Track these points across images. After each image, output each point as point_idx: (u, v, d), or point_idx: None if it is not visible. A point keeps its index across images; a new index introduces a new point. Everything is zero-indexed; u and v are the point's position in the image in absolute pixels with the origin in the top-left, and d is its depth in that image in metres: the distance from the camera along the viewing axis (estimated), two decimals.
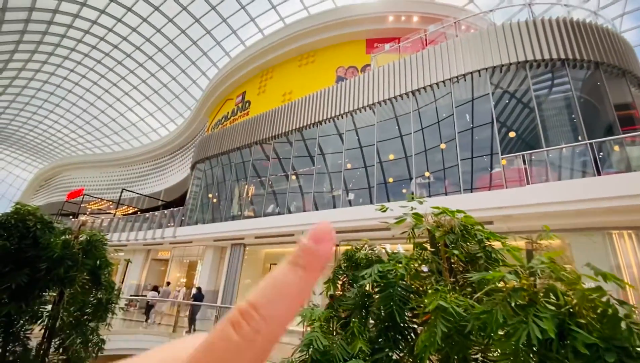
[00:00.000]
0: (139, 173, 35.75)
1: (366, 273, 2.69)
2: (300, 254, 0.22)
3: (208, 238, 15.56)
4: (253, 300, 0.21)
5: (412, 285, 2.60)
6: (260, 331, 0.20)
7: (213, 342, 0.20)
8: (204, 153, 18.23)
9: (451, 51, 10.56)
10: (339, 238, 11.96)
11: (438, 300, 2.05)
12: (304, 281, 0.22)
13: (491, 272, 1.94)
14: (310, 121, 13.68)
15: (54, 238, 4.70)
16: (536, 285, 1.85)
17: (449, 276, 2.63)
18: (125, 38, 25.13)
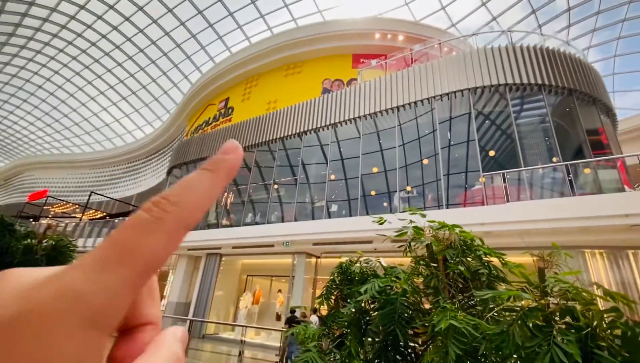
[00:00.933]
0: (110, 175, 34.11)
1: (365, 288, 2.56)
2: (210, 162, 0.25)
3: (182, 247, 14.88)
4: (163, 193, 0.22)
5: (414, 302, 2.49)
6: (169, 211, 0.21)
7: (124, 226, 0.20)
8: (182, 157, 17.64)
9: (435, 71, 10.89)
10: (321, 250, 11.78)
11: (449, 320, 1.94)
12: (212, 180, 0.24)
13: (505, 289, 1.87)
14: (295, 130, 13.60)
15: (15, 242, 4.26)
16: (549, 305, 1.80)
17: (447, 293, 2.55)
18: (104, 36, 24.27)
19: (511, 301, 1.95)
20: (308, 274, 12.22)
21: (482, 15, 20.29)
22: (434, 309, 2.36)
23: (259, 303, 13.91)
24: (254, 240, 12.35)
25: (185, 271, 15.32)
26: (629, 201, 6.64)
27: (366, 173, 11.39)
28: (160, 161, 28.20)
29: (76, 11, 21.93)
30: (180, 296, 14.73)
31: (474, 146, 9.87)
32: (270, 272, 14.85)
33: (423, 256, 2.71)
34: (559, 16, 21.19)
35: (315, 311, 11.76)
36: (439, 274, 2.49)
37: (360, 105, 12.04)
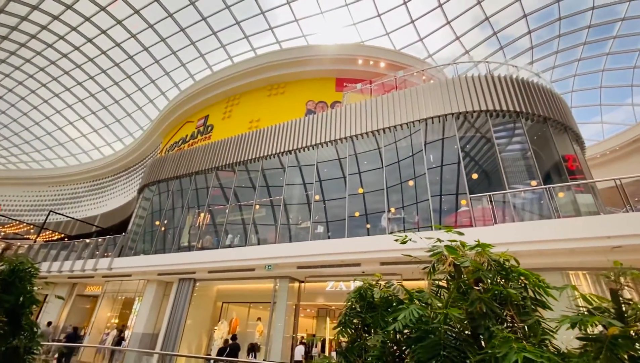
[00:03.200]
0: (72, 194, 31.75)
1: (401, 315, 2.25)
2: None
3: (152, 271, 13.75)
4: None
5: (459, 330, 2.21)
6: None
7: None
8: (156, 175, 16.71)
9: (419, 96, 11.19)
10: (305, 274, 11.25)
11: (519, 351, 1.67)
12: None
13: (585, 316, 1.64)
14: (280, 149, 13.32)
15: None
16: None
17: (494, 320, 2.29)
18: (77, 48, 23.28)
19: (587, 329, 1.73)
20: (290, 300, 11.57)
21: (456, 49, 21.62)
22: (484, 339, 2.08)
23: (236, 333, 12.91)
24: (234, 264, 11.62)
25: (154, 298, 14.07)
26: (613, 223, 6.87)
27: (352, 194, 11.21)
28: (130, 179, 26.68)
29: (49, 21, 20.99)
30: (147, 327, 13.41)
31: (460, 169, 10.07)
32: (249, 299, 13.98)
33: (463, 280, 2.45)
34: (523, 53, 23.03)
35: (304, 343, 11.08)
36: (485, 298, 2.24)
37: (345, 126, 12.05)
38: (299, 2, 19.22)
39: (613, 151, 21.42)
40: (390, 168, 11.23)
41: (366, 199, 11.74)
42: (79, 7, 19.96)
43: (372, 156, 12.01)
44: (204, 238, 14.08)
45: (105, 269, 14.66)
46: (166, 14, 19.95)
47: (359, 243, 9.22)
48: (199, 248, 13.38)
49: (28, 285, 4.05)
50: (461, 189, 10.65)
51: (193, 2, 19.12)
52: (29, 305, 4.10)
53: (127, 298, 16.23)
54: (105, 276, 15.57)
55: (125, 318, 15.99)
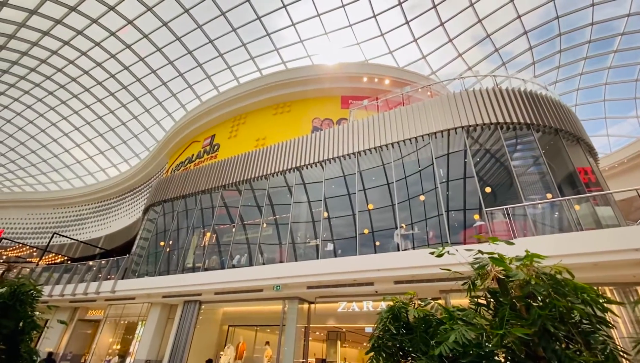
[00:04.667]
0: (76, 216, 31.65)
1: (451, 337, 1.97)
2: None
3: (156, 294, 13.34)
4: None
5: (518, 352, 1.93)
6: None
7: None
8: (161, 195, 16.57)
9: (428, 110, 11.12)
10: (315, 294, 10.82)
11: None
12: None
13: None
14: (287, 166, 13.18)
15: None
16: None
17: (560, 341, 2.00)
18: (87, 72, 23.83)
19: None
20: (300, 322, 11.08)
21: (458, 65, 21.86)
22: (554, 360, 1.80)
23: (243, 359, 12.34)
24: (241, 284, 11.24)
25: (158, 322, 13.61)
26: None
27: (362, 210, 10.94)
28: (135, 200, 26.59)
29: (59, 46, 21.59)
30: (150, 353, 12.87)
31: (473, 182, 9.84)
32: (256, 322, 13.45)
33: (515, 296, 2.18)
34: (525, 68, 23.23)
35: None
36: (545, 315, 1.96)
37: (353, 142, 11.94)
38: (304, 23, 19.68)
39: (621, 164, 21.09)
40: (399, 184, 11.00)
41: (374, 217, 11.47)
42: (89, 33, 20.55)
43: (377, 173, 11.84)
44: (209, 258, 13.74)
45: (108, 292, 14.26)
46: (174, 38, 20.48)
47: (371, 261, 8.88)
48: (204, 268, 13.03)
49: (29, 309, 3.80)
50: (474, 203, 10.41)
51: (201, 26, 19.64)
52: (29, 331, 3.83)
53: (130, 323, 15.73)
54: (108, 300, 15.14)
55: (128, 344, 15.41)
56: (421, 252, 8.41)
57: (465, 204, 10.86)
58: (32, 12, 18.27)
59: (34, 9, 18.01)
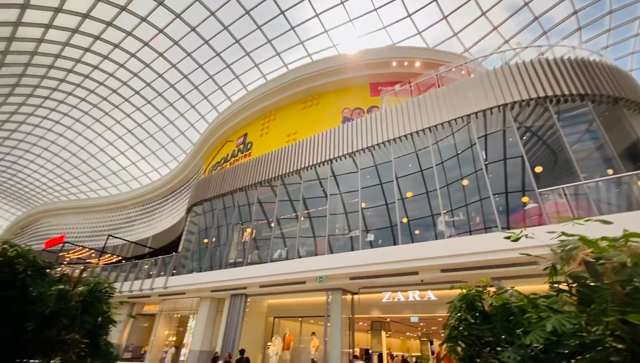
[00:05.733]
0: (126, 218, 33.96)
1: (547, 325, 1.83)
2: None
3: (205, 289, 14.00)
4: None
5: None
6: None
7: None
8: (202, 194, 17.26)
9: (467, 89, 10.53)
10: (358, 284, 10.80)
11: None
12: None
13: None
14: (319, 159, 13.15)
15: (47, 288, 3.64)
16: None
17: None
18: (125, 83, 25.23)
19: None
20: (344, 313, 11.13)
21: (494, 40, 20.51)
22: None
23: (290, 349, 12.66)
24: (284, 277, 11.47)
25: (208, 315, 14.28)
26: None
27: (391, 201, 10.67)
28: (177, 201, 27.99)
29: (99, 61, 22.99)
30: (203, 344, 13.57)
31: (522, 163, 9.27)
32: (299, 313, 13.73)
33: (625, 279, 1.97)
34: (570, 35, 21.31)
35: (360, 357, 10.55)
36: None
37: (387, 129, 11.63)
38: (328, 13, 19.38)
39: None
40: (438, 168, 10.58)
41: (408, 206, 11.16)
42: (125, 45, 21.67)
43: (410, 160, 11.48)
44: (251, 253, 14.16)
45: (161, 288, 15.19)
46: (202, 41, 21.04)
47: (416, 249, 8.66)
48: (248, 263, 13.45)
49: (105, 306, 4.08)
50: (516, 186, 9.82)
51: (227, 27, 20.00)
52: (106, 326, 4.13)
53: (183, 316, 16.69)
54: (162, 295, 16.13)
55: (182, 336, 16.39)
56: (471, 238, 8.08)
57: (507, 187, 10.27)
58: (74, 31, 19.55)
59: (75, 27, 19.25)
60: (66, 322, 3.45)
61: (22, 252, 3.77)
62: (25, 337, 3.29)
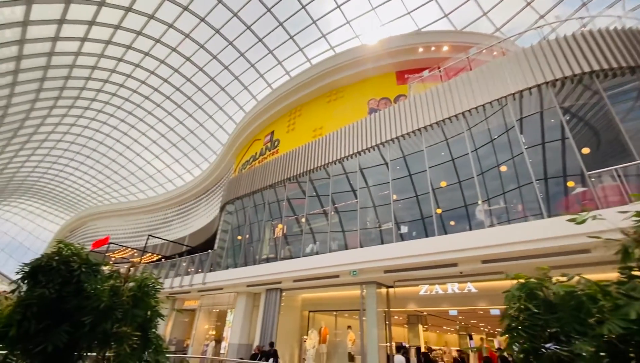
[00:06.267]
0: (163, 219, 35.67)
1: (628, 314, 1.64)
2: None
3: (241, 284, 14.38)
4: None
5: None
6: None
7: None
8: (234, 193, 17.69)
9: (502, 69, 9.93)
10: (393, 278, 10.61)
11: None
12: None
13: None
14: (347, 153, 13.00)
15: (100, 284, 3.83)
16: None
17: None
18: (156, 89, 26.32)
19: None
20: (379, 306, 10.99)
21: (527, 17, 19.20)
22: None
23: (327, 342, 12.73)
24: (318, 271, 11.51)
25: (245, 309, 14.67)
26: None
27: (425, 193, 10.29)
28: (210, 200, 28.95)
29: (132, 70, 24.12)
30: (241, 337, 13.97)
31: (562, 145, 8.64)
32: (334, 307, 13.74)
33: None
34: (613, 5, 19.51)
35: (400, 349, 10.40)
36: None
37: (417, 118, 11.25)
38: (349, 3, 19.05)
39: None
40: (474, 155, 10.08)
41: (442, 196, 10.73)
42: (154, 53, 22.55)
43: (442, 148, 11.02)
44: (283, 248, 14.35)
45: (199, 284, 15.79)
46: (226, 43, 21.44)
47: (455, 240, 8.34)
48: (281, 258, 13.63)
49: (153, 300, 4.23)
50: (556, 170, 9.16)
51: (249, 27, 20.23)
52: (154, 319, 4.28)
53: (221, 311, 17.28)
54: (200, 291, 16.77)
55: (221, 330, 16.99)
56: (514, 227, 7.64)
57: (547, 173, 9.61)
58: (107, 43, 20.61)
59: (108, 39, 20.28)
60: (119, 315, 3.60)
61: (75, 251, 4.00)
62: (82, 330, 3.47)
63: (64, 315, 3.57)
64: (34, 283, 3.60)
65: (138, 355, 3.96)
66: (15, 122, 24.40)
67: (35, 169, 38.31)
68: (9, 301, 3.67)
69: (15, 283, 3.65)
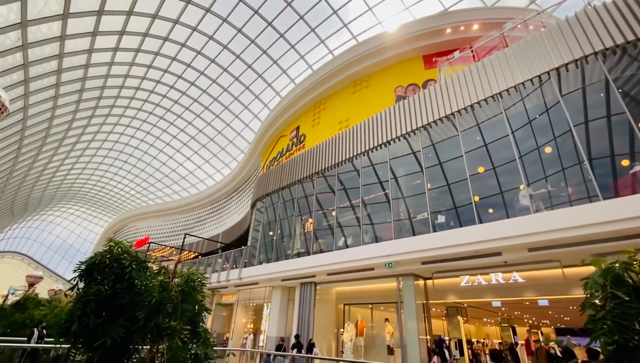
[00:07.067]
0: (197, 218, 37.00)
1: None
2: None
3: (275, 278, 14.59)
4: None
5: None
6: None
7: None
8: (264, 189, 17.93)
9: (541, 44, 9.20)
10: (431, 269, 10.28)
11: None
12: None
13: None
14: (377, 142, 12.69)
15: (149, 280, 3.94)
16: None
17: None
18: (184, 93, 27.16)
19: None
20: (417, 299, 10.71)
21: None
22: None
23: (364, 335, 12.64)
24: (352, 264, 11.40)
25: (281, 303, 14.88)
26: None
27: (473, 174, 9.80)
28: (240, 198, 29.62)
29: (161, 76, 24.99)
30: (279, 331, 14.20)
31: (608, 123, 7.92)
32: (369, 300, 13.59)
33: None
34: None
35: (438, 345, 10.09)
36: None
37: (450, 101, 10.73)
38: None
39: None
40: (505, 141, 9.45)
41: (476, 183, 10.15)
42: (180, 57, 23.22)
43: (476, 133, 10.42)
44: (315, 242, 14.35)
45: (236, 279, 16.21)
46: (249, 41, 21.64)
47: (498, 228, 7.90)
48: (314, 252, 13.66)
49: (199, 295, 4.31)
50: (603, 149, 8.38)
51: (270, 23, 20.26)
52: (201, 313, 4.36)
53: (258, 305, 17.67)
54: (237, 286, 17.24)
55: (259, 323, 17.39)
56: (565, 211, 7.08)
57: (590, 152, 8.81)
58: (137, 51, 21.44)
59: (137, 47, 21.09)
60: (170, 310, 3.68)
61: (125, 248, 4.14)
62: (137, 325, 3.58)
63: (118, 311, 3.70)
64: (90, 281, 3.77)
65: (188, 349, 4.06)
66: (59, 133, 26.12)
67: (80, 176, 40.97)
68: (68, 298, 3.87)
69: (73, 281, 3.83)
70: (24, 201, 38.61)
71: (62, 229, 63.79)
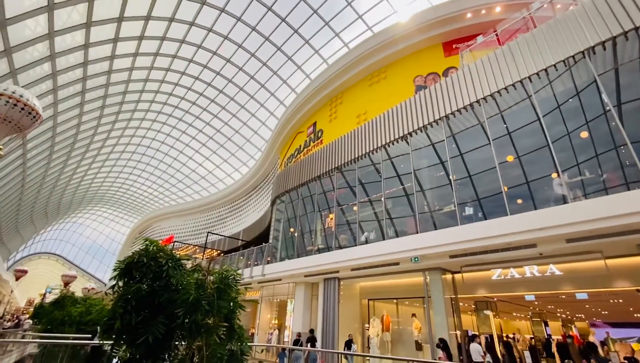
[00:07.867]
0: (218, 217, 37.69)
1: None
2: None
3: (298, 274, 14.63)
4: None
5: None
6: None
7: None
8: (284, 187, 17.98)
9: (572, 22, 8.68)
10: (460, 263, 10.00)
11: None
12: None
13: None
14: (397, 135, 12.42)
15: (185, 278, 3.97)
16: None
17: None
18: (201, 94, 27.57)
19: None
20: (446, 293, 10.46)
21: None
22: None
23: (390, 330, 12.50)
24: (376, 259, 11.25)
25: (305, 299, 14.93)
26: None
27: (502, 162, 9.41)
28: (259, 196, 29.91)
29: (179, 78, 25.44)
30: (303, 326, 14.26)
31: None
32: (393, 294, 13.41)
33: None
34: None
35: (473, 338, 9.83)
36: None
37: (474, 89, 10.33)
38: None
39: None
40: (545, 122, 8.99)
41: (492, 175, 9.73)
42: (197, 58, 23.53)
43: (496, 123, 9.97)
44: (337, 237, 14.27)
45: (259, 275, 16.38)
46: (263, 39, 21.66)
47: (533, 218, 7.55)
48: (336, 247, 13.58)
49: (234, 292, 4.31)
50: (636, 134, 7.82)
51: (284, 19, 20.18)
52: (236, 310, 4.36)
53: (281, 301, 17.82)
54: (261, 282, 17.42)
55: (283, 319, 17.55)
56: (608, 199, 6.67)
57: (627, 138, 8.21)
58: (156, 55, 21.89)
59: (156, 51, 21.52)
60: (207, 307, 3.69)
61: (160, 247, 4.18)
62: (176, 322, 3.61)
63: (157, 308, 3.74)
64: (129, 279, 3.83)
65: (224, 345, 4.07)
66: (86, 138, 27.11)
67: (105, 179, 42.51)
68: (109, 297, 3.95)
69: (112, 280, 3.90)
70: (56, 204, 40.47)
71: (91, 230, 66.62)
